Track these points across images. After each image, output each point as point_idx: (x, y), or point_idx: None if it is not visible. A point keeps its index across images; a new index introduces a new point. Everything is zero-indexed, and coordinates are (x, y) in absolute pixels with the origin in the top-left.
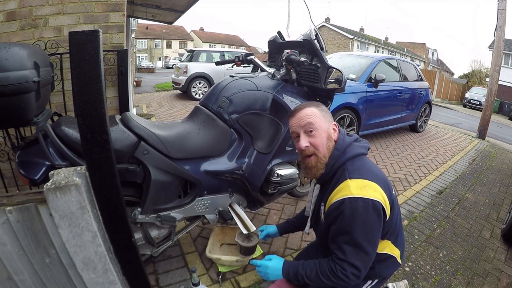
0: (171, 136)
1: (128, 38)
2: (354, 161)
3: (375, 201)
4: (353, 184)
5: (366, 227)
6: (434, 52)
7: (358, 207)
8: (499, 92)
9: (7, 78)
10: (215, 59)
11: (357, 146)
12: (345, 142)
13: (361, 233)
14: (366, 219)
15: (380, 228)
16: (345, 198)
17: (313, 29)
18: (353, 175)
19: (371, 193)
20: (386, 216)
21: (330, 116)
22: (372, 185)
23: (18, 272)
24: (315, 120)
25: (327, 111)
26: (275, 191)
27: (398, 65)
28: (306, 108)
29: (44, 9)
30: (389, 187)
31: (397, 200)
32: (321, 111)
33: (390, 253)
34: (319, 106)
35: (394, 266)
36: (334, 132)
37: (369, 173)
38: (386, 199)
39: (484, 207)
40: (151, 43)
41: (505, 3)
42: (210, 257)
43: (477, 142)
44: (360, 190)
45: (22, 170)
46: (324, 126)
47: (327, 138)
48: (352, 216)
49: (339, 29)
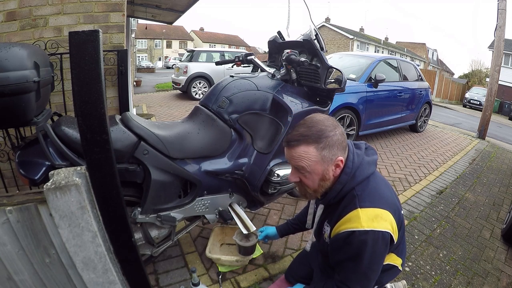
0: (171, 136)
1: (128, 38)
2: (365, 185)
3: (385, 233)
4: (363, 215)
5: (373, 258)
6: (434, 52)
7: (368, 240)
8: (499, 92)
9: (7, 78)
10: (215, 59)
11: (367, 164)
12: (355, 164)
13: (367, 263)
14: (374, 251)
15: (386, 255)
16: (355, 231)
17: (313, 29)
18: (364, 203)
19: (382, 225)
20: (394, 241)
21: (334, 154)
22: (383, 214)
23: (18, 272)
24: (308, 165)
25: (330, 148)
26: (275, 191)
27: (398, 65)
28: (301, 146)
29: (44, 9)
30: (398, 209)
31: (403, 217)
32: (320, 150)
33: (393, 263)
34: (320, 143)
35: (395, 274)
36: (337, 168)
37: (381, 199)
38: (395, 226)
39: (484, 207)
40: (151, 43)
41: (505, 3)
42: (210, 257)
43: (477, 142)
44: (372, 222)
45: (22, 170)
46: (318, 170)
47: (320, 179)
48: (361, 248)
49: (339, 29)
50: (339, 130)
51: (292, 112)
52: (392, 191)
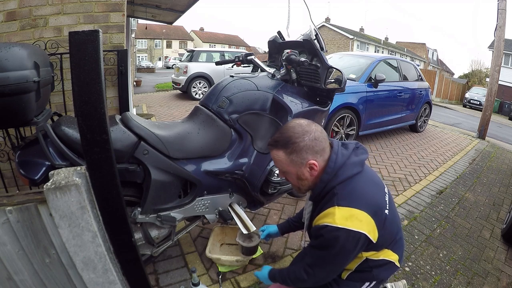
0: (171, 136)
1: (128, 38)
2: (346, 185)
3: (358, 233)
4: (338, 213)
5: (340, 253)
6: (434, 52)
7: (339, 237)
8: (499, 92)
9: (7, 78)
10: (215, 59)
11: (352, 164)
12: (337, 164)
13: (333, 256)
14: (343, 247)
15: (356, 252)
16: (327, 225)
17: (313, 29)
18: (342, 201)
19: (356, 225)
20: (372, 241)
21: (303, 158)
22: (359, 215)
23: (18, 272)
24: (281, 166)
25: (298, 153)
26: (275, 191)
27: (398, 65)
28: (273, 151)
29: (44, 9)
30: (380, 209)
31: (394, 212)
32: (289, 155)
33: (387, 258)
34: (287, 148)
35: (392, 269)
36: (312, 170)
37: (359, 199)
38: (372, 226)
39: (484, 207)
40: (151, 43)
41: (505, 3)
42: (210, 257)
43: (477, 142)
44: (345, 220)
45: (22, 170)
46: (292, 171)
47: (297, 178)
48: (331, 242)
49: (339, 29)
50: (309, 136)
51: (292, 112)
52: (377, 191)
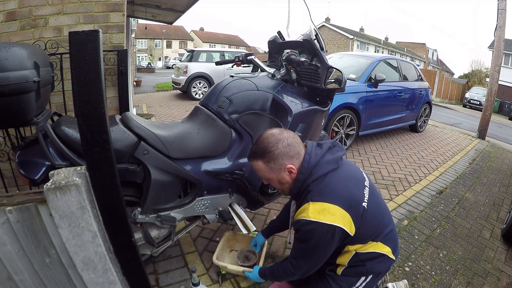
0: (171, 136)
1: (128, 38)
2: (320, 182)
3: (332, 226)
4: (312, 208)
5: (318, 245)
6: (434, 52)
7: (314, 230)
8: (499, 92)
9: (7, 78)
10: (215, 59)
11: (326, 163)
12: (311, 163)
13: (312, 248)
14: (320, 239)
15: (334, 245)
16: (301, 220)
17: (313, 29)
18: (315, 197)
19: (328, 218)
20: (349, 234)
21: (280, 164)
22: (331, 208)
23: (18, 272)
24: (263, 174)
25: (275, 160)
26: (275, 191)
27: (398, 65)
28: (253, 161)
29: (44, 9)
30: (356, 202)
31: (377, 204)
32: (267, 163)
33: (378, 251)
34: (265, 157)
35: (386, 262)
36: (291, 173)
37: (332, 194)
38: (347, 219)
39: (484, 207)
40: (151, 43)
41: (505, 3)
42: (216, 264)
43: (477, 142)
44: (318, 214)
45: (22, 170)
46: (273, 177)
47: (279, 183)
48: (307, 235)
49: (339, 29)
50: (282, 143)
51: (292, 112)
52: (354, 185)
